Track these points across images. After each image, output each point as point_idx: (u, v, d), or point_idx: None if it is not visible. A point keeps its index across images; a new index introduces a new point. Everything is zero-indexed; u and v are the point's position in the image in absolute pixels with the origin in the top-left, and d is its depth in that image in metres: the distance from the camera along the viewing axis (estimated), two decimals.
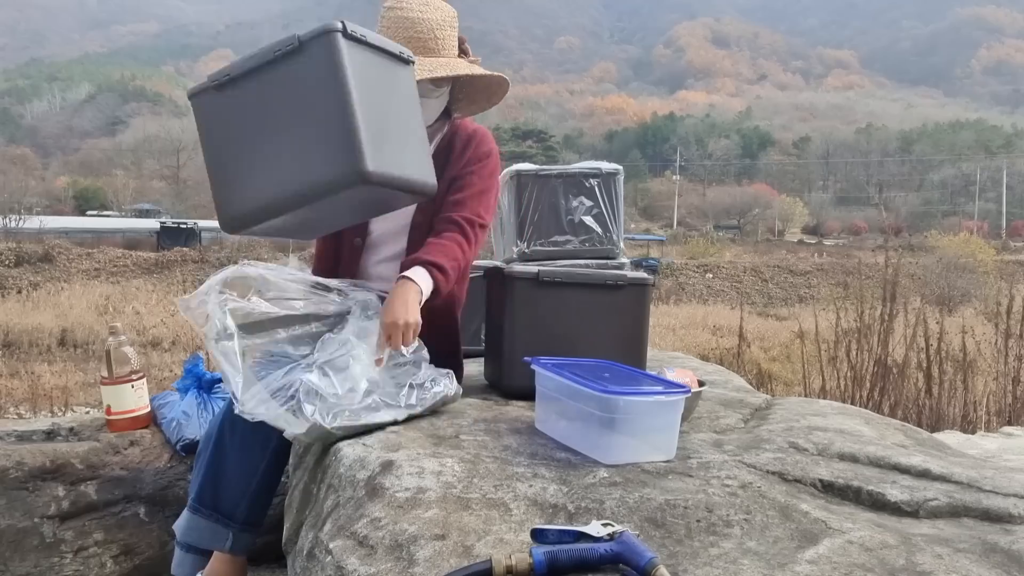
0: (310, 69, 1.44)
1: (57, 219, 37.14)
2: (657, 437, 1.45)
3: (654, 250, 35.93)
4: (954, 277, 18.51)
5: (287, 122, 1.47)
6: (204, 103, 1.56)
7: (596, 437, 1.44)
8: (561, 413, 1.54)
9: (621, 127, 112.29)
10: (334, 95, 1.42)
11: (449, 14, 1.84)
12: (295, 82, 1.46)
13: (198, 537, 1.75)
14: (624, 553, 1.06)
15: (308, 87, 1.44)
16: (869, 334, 4.23)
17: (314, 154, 1.44)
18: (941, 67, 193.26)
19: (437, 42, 1.81)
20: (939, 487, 1.41)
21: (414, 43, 1.77)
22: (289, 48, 1.45)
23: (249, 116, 1.51)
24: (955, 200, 77.75)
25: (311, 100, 1.45)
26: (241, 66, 1.51)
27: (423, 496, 1.27)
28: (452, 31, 1.85)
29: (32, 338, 12.12)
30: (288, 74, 1.46)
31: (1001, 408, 4.14)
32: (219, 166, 1.55)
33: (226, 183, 1.55)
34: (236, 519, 1.74)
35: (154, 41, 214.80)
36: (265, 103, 1.49)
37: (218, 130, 1.55)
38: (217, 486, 1.74)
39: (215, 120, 1.55)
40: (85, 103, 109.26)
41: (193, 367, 2.32)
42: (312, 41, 1.44)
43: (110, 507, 2.09)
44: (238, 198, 1.53)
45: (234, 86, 1.52)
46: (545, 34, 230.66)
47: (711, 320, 16.61)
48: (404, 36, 1.78)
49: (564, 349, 1.79)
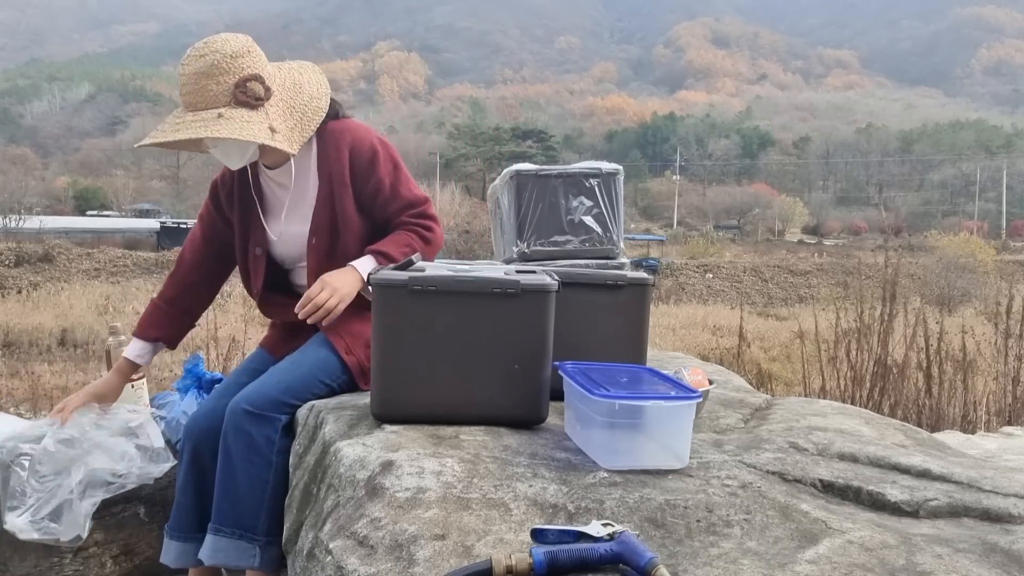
0: None
1: (57, 219, 37.19)
2: (665, 442, 1.43)
3: (654, 250, 35.95)
4: (954, 277, 18.52)
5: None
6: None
7: (599, 441, 1.43)
8: (577, 418, 1.54)
9: (621, 127, 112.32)
10: None
11: (208, 62, 1.76)
12: None
13: (225, 558, 1.74)
14: (624, 553, 1.06)
15: None
16: (869, 334, 4.23)
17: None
18: (941, 67, 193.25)
19: (194, 95, 1.77)
20: (939, 487, 1.41)
21: (184, 98, 1.79)
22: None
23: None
24: (955, 200, 77.79)
25: None
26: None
27: (423, 496, 1.27)
28: (211, 79, 1.76)
29: (32, 338, 12.13)
30: None
31: (1001, 408, 4.14)
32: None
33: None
34: (259, 532, 1.74)
35: (154, 41, 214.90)
36: None
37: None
38: (233, 503, 1.74)
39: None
40: (85, 103, 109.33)
41: (193, 367, 2.32)
42: None
43: (110, 507, 2.09)
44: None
45: None
46: (545, 34, 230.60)
47: (711, 320, 16.61)
48: (180, 92, 1.80)
49: (564, 350, 1.79)
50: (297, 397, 1.79)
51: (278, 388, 1.78)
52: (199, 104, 1.77)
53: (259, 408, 1.75)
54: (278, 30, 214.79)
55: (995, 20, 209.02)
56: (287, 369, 1.84)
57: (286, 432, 1.79)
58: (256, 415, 1.74)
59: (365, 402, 1.70)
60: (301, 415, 1.78)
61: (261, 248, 2.01)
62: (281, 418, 1.77)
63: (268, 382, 1.80)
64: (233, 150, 1.85)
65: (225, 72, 1.77)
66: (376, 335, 1.60)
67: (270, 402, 1.76)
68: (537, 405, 1.64)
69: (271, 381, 1.80)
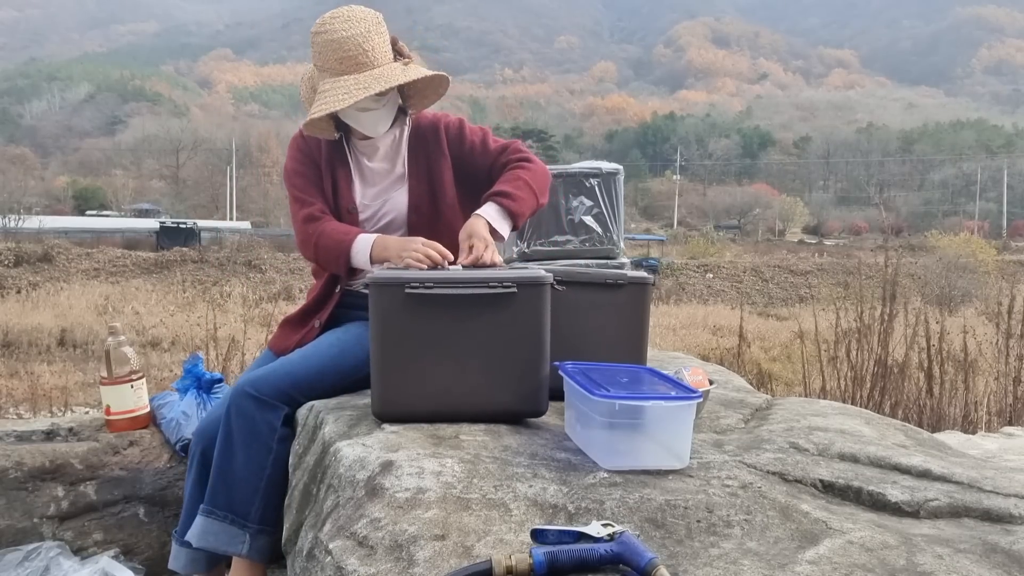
0: None
1: (56, 219, 37.21)
2: (665, 442, 1.43)
3: (654, 250, 35.93)
4: (954, 277, 18.49)
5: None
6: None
7: (599, 441, 1.43)
8: (577, 418, 1.54)
9: (621, 127, 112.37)
10: None
11: (372, 22, 1.83)
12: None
13: (215, 541, 1.73)
14: (624, 553, 1.06)
15: None
16: (869, 334, 4.22)
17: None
18: (942, 67, 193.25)
19: (367, 55, 1.81)
20: (940, 487, 1.41)
21: (346, 63, 1.80)
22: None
23: None
24: (956, 200, 77.77)
25: None
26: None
27: (423, 496, 1.27)
28: (380, 37, 1.85)
29: (32, 338, 12.11)
30: None
31: (1002, 408, 4.14)
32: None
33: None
34: (251, 519, 1.73)
35: (154, 41, 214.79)
36: None
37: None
38: (229, 487, 1.73)
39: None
40: (84, 103, 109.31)
41: (193, 367, 2.32)
42: None
43: (109, 507, 2.09)
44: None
45: None
46: (545, 34, 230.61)
47: (711, 320, 16.59)
48: (335, 58, 1.80)
49: (564, 349, 1.79)
50: (302, 391, 1.79)
51: (285, 379, 1.78)
52: (365, 63, 1.81)
53: (263, 394, 1.75)
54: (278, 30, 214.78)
55: (995, 20, 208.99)
56: (296, 361, 1.84)
57: (287, 422, 1.79)
58: (260, 400, 1.75)
59: (365, 402, 1.69)
60: (301, 415, 1.77)
61: (352, 209, 2.02)
62: (284, 408, 1.77)
63: (276, 371, 1.80)
64: (385, 115, 1.92)
65: (383, 33, 1.86)
66: (375, 334, 1.60)
67: (275, 391, 1.76)
68: (537, 398, 1.64)
69: (280, 371, 1.80)
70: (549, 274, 1.65)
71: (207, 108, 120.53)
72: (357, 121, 1.91)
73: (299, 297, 15.67)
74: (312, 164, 2.03)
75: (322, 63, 1.83)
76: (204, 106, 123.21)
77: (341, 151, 2.03)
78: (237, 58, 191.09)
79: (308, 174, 2.01)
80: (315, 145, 2.03)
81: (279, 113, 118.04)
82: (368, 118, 1.90)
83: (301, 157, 2.03)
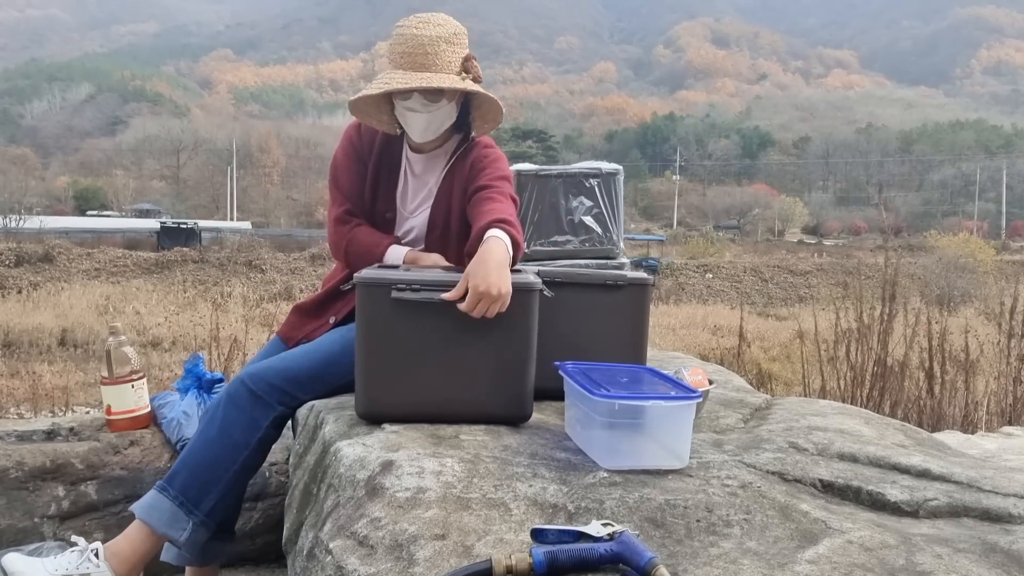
0: None
1: (57, 219, 37.19)
2: (665, 442, 1.43)
3: (654, 250, 35.91)
4: (954, 277, 18.49)
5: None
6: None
7: (599, 441, 1.43)
8: (577, 418, 1.54)
9: (621, 127, 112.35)
10: None
11: (448, 31, 1.84)
12: None
13: (158, 518, 1.70)
14: (624, 553, 1.06)
15: None
16: (869, 334, 4.23)
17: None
18: (941, 67, 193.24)
19: (428, 57, 1.81)
20: (939, 487, 1.41)
21: (407, 58, 1.81)
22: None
23: None
24: (955, 200, 77.75)
25: None
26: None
27: (423, 496, 1.27)
28: (450, 47, 1.84)
29: (32, 338, 12.11)
30: None
31: (1002, 408, 4.14)
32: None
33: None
34: (201, 509, 1.72)
35: (154, 41, 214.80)
36: None
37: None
38: (191, 471, 1.73)
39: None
40: (85, 103, 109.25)
41: (193, 367, 2.32)
42: None
43: (110, 507, 2.09)
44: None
45: None
46: (545, 34, 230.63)
47: (711, 320, 16.57)
48: (399, 52, 1.82)
49: (565, 350, 1.79)
50: (299, 388, 1.78)
51: (282, 376, 1.78)
52: (430, 66, 1.81)
53: (259, 389, 1.75)
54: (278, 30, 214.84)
55: (995, 20, 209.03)
56: (295, 358, 1.84)
57: (276, 424, 1.78)
58: (254, 394, 1.75)
59: None
60: (301, 415, 1.78)
61: (390, 215, 2.03)
62: (277, 407, 1.76)
63: (274, 367, 1.80)
64: (433, 123, 1.90)
65: (459, 45, 1.86)
66: (360, 335, 1.60)
67: (270, 388, 1.76)
68: (521, 403, 1.64)
69: (279, 367, 1.80)
70: (538, 279, 1.63)
71: (207, 108, 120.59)
72: (404, 119, 1.91)
73: (299, 298, 15.65)
74: (359, 159, 2.02)
75: (390, 55, 1.86)
76: (204, 106, 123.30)
77: (393, 155, 2.03)
78: (237, 58, 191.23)
79: (353, 168, 2.02)
80: (368, 141, 2.02)
81: (279, 113, 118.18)
82: (415, 120, 1.89)
83: (351, 150, 2.03)
